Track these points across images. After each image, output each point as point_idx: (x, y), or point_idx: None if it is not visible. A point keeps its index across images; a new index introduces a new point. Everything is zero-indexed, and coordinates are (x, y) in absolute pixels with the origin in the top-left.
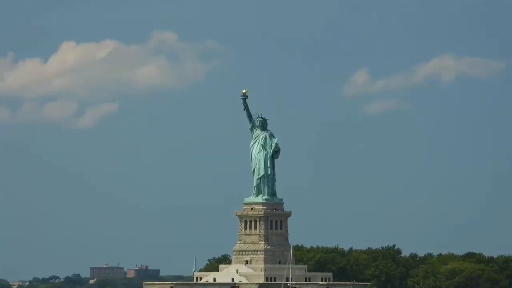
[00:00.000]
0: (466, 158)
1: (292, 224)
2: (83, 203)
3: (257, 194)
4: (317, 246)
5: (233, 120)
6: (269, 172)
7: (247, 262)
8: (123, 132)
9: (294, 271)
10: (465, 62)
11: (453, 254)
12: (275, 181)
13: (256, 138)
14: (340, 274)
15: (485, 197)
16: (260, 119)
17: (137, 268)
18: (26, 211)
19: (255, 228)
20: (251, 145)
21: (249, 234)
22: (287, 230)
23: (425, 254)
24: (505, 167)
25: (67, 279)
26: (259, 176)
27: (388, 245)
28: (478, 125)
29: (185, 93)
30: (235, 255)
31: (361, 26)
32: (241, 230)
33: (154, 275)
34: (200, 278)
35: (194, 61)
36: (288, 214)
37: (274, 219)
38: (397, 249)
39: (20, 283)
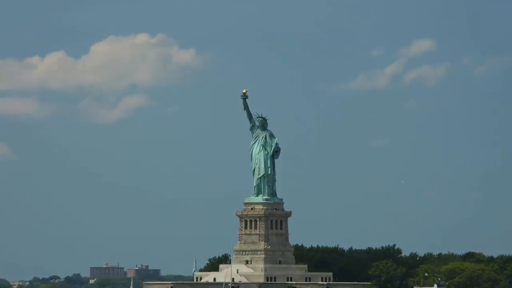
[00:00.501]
0: (467, 158)
1: (292, 224)
2: (83, 203)
3: (257, 194)
4: (317, 246)
5: (233, 120)
6: (269, 172)
7: (247, 262)
8: (122, 132)
9: (294, 271)
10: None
11: (453, 254)
12: (275, 181)
13: (256, 138)
14: (340, 274)
15: (485, 197)
16: (260, 119)
17: (137, 268)
18: (26, 211)
19: (255, 228)
20: (251, 145)
21: (249, 234)
22: (287, 230)
23: (425, 254)
24: (505, 167)
25: (67, 279)
26: (259, 176)
27: (388, 245)
28: (480, 123)
29: (184, 92)
30: (236, 255)
31: (361, 25)
32: (241, 230)
33: (154, 275)
34: (200, 278)
35: (194, 61)
36: (288, 214)
37: (274, 219)
38: (397, 249)
39: (20, 283)
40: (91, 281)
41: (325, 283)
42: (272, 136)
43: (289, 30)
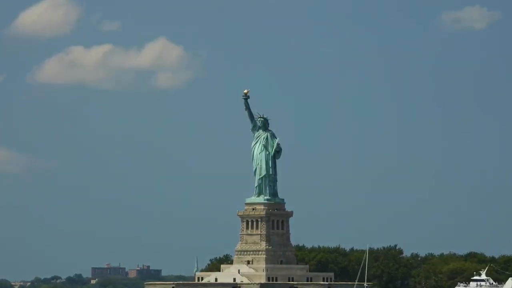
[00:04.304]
0: (468, 157)
1: (293, 224)
2: (84, 203)
3: (259, 194)
4: (319, 246)
5: (235, 120)
6: (270, 172)
7: (248, 262)
8: (121, 132)
9: (295, 271)
10: None
11: (454, 254)
12: (276, 181)
13: (258, 138)
14: (342, 274)
15: (486, 197)
16: (261, 119)
17: (139, 268)
18: (27, 211)
19: (257, 228)
20: (252, 145)
21: (251, 234)
22: (288, 230)
23: (426, 254)
24: (506, 167)
25: (69, 279)
26: (260, 176)
27: (390, 245)
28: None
29: (185, 92)
30: (237, 255)
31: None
32: (243, 230)
33: (156, 275)
34: (202, 278)
35: (195, 60)
36: (290, 214)
37: (276, 219)
38: (399, 249)
39: (22, 283)
40: (93, 281)
41: (327, 283)
42: (273, 136)
43: (290, 28)
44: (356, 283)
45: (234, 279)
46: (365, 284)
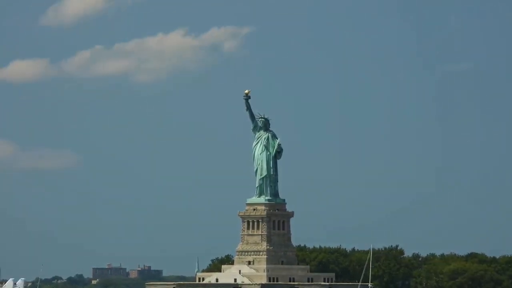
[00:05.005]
0: (468, 156)
1: (294, 224)
2: (85, 203)
3: (260, 195)
4: (320, 246)
5: (236, 120)
6: (271, 173)
7: (249, 262)
8: (121, 133)
9: (297, 271)
10: None
11: (455, 254)
12: (277, 181)
13: (259, 139)
14: (343, 275)
15: (487, 197)
16: (262, 119)
17: (140, 269)
18: (28, 211)
19: (258, 228)
20: (253, 145)
21: (252, 235)
22: (289, 231)
23: (427, 255)
24: (506, 167)
25: (70, 279)
26: (261, 177)
27: (391, 246)
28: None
29: (186, 92)
30: (238, 255)
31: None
32: (244, 230)
33: (157, 276)
34: (203, 279)
35: (197, 60)
36: (291, 215)
37: (277, 220)
38: (400, 249)
39: None
40: (94, 282)
41: (328, 283)
42: (274, 136)
43: (291, 29)
44: (360, 283)
45: (235, 280)
46: (370, 284)
